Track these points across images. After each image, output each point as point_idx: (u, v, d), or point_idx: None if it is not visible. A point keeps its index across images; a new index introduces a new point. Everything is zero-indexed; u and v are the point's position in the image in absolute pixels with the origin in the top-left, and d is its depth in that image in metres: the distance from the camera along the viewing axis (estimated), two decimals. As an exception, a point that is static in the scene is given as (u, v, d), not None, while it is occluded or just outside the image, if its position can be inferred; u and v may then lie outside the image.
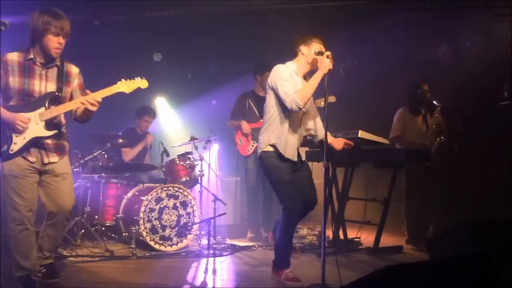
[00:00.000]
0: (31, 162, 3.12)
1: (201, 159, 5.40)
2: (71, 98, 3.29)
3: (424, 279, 2.11)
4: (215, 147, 7.15)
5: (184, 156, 5.35)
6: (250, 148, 5.60)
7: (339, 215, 5.15)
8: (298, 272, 3.70)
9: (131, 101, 6.37)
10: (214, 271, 3.89)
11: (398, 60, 6.45)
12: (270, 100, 3.66)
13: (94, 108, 3.11)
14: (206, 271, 3.95)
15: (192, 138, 5.47)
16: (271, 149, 3.60)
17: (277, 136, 3.58)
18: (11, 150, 3.07)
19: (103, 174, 5.14)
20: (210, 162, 5.89)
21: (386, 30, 6.18)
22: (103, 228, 5.01)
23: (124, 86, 3.20)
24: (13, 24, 3.16)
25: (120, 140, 5.25)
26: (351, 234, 5.26)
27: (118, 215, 4.92)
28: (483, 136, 5.73)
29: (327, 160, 3.39)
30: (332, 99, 5.07)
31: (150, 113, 6.07)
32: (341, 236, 5.13)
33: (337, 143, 3.89)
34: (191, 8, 5.83)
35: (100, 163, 5.17)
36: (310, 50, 3.61)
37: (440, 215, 5.43)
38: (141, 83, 3.26)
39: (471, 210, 5.63)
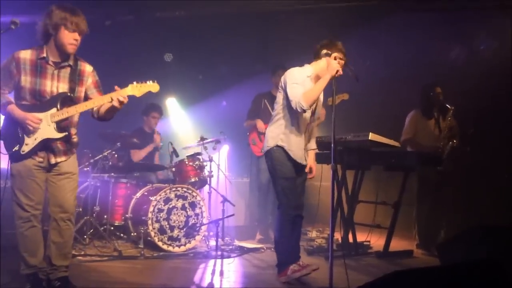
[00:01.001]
0: (39, 162, 3.12)
1: (210, 160, 5.39)
2: (85, 97, 3.25)
3: (433, 284, 2.07)
4: (225, 148, 7.14)
5: (193, 156, 5.35)
6: (263, 149, 5.57)
7: (349, 218, 5.09)
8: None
9: (140, 101, 6.41)
10: (222, 273, 3.87)
11: (411, 62, 6.38)
12: (280, 99, 3.72)
13: (120, 106, 3.08)
14: (213, 273, 3.93)
15: (202, 139, 5.46)
16: (279, 147, 3.66)
17: (285, 137, 3.65)
18: (22, 151, 3.07)
19: (112, 173, 5.15)
20: (220, 163, 5.87)
21: (399, 31, 6.12)
22: (112, 228, 5.02)
23: (135, 89, 3.14)
24: (24, 23, 3.16)
25: (134, 140, 5.27)
26: (361, 237, 5.20)
27: (127, 215, 4.92)
28: (497, 140, 5.63)
29: (336, 162, 3.38)
30: (345, 96, 5.04)
31: (157, 109, 6.03)
32: (351, 240, 5.08)
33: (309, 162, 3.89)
34: (201, 9, 5.83)
35: (110, 162, 5.18)
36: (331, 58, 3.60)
37: (452, 219, 5.35)
38: (152, 87, 3.21)
39: (484, 215, 5.54)
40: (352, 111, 6.28)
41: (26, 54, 3.08)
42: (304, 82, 3.61)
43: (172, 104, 7.65)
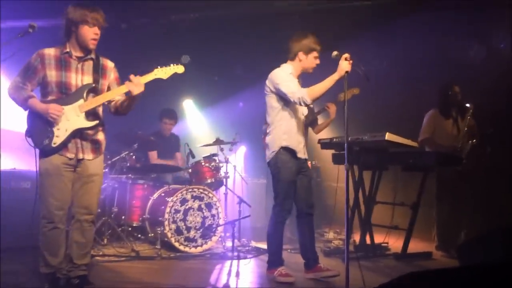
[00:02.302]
0: (69, 159, 3.15)
1: (227, 161, 5.40)
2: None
3: (449, 286, 2.02)
4: (242, 149, 7.16)
5: (209, 158, 5.37)
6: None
7: (366, 219, 5.05)
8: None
9: (158, 103, 6.49)
10: (238, 274, 3.86)
11: (428, 61, 6.30)
12: (273, 103, 3.78)
13: (138, 91, 3.12)
14: (229, 273, 3.93)
15: (217, 140, 5.48)
16: (284, 149, 3.74)
17: (288, 137, 3.73)
18: (54, 144, 3.09)
19: (130, 175, 5.20)
20: (236, 164, 5.88)
21: (416, 30, 6.03)
22: (130, 229, 5.07)
23: (161, 72, 3.24)
24: (42, 27, 3.22)
25: (151, 138, 5.34)
26: (379, 239, 5.15)
27: (144, 216, 4.97)
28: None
29: (352, 163, 3.38)
30: (356, 91, 4.96)
31: (169, 115, 6.04)
32: (368, 241, 5.03)
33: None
34: (215, 10, 5.85)
35: (128, 164, 5.24)
36: (308, 57, 3.75)
37: (472, 220, 5.25)
38: (177, 68, 3.31)
39: (505, 216, 5.41)
40: (370, 111, 6.25)
41: (50, 51, 3.17)
42: (291, 78, 3.72)
43: (189, 106, 7.71)
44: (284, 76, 3.72)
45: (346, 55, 3.42)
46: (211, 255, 4.69)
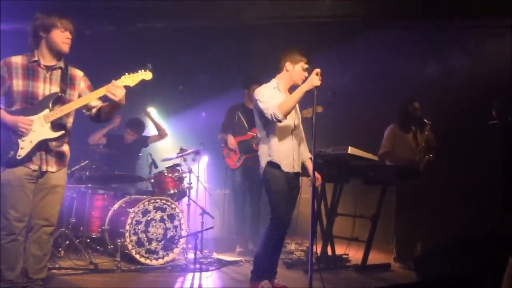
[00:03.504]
0: (33, 170, 3.06)
1: (190, 171, 5.36)
2: None
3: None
4: (204, 159, 7.10)
5: (172, 168, 5.31)
6: (238, 161, 5.57)
7: (327, 231, 5.12)
8: (285, 288, 3.68)
9: (121, 110, 6.36)
10: (200, 286, 3.83)
11: (388, 77, 6.50)
12: (257, 119, 3.78)
13: (121, 94, 3.03)
14: (191, 286, 3.89)
15: (182, 150, 5.42)
16: (270, 163, 3.69)
17: (272, 151, 3.68)
18: (18, 156, 3.00)
19: (89, 184, 5.06)
20: (199, 174, 5.84)
21: (377, 47, 6.25)
22: (88, 240, 4.92)
23: (128, 80, 3.16)
24: (6, 31, 3.13)
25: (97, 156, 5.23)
26: (340, 250, 5.22)
27: (103, 227, 4.84)
28: (472, 155, 5.76)
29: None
30: (319, 109, 5.04)
31: (133, 126, 6.05)
32: (329, 252, 5.10)
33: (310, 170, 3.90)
34: (182, 21, 5.85)
35: (88, 173, 5.10)
36: (295, 68, 3.72)
37: (429, 233, 5.43)
38: (145, 75, 3.22)
39: (458, 229, 5.63)
40: (331, 125, 6.34)
41: (17, 59, 3.09)
42: (273, 94, 3.69)
43: (152, 114, 7.58)
44: (266, 92, 3.69)
45: (318, 70, 3.47)
46: (173, 267, 4.62)
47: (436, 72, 6.30)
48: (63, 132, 3.13)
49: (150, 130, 7.49)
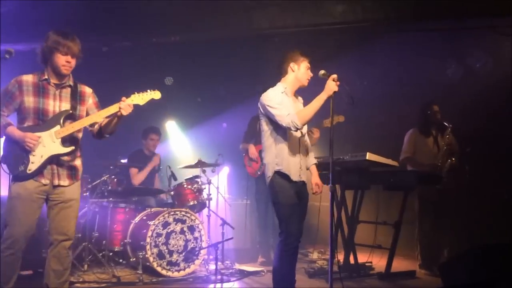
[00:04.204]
0: (43, 185, 3.13)
1: (209, 183, 5.38)
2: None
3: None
4: (225, 170, 7.13)
5: (191, 180, 5.33)
6: (259, 170, 5.56)
7: (349, 239, 5.05)
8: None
9: (141, 125, 6.48)
10: (221, 298, 3.82)
11: (407, 81, 6.41)
12: (264, 125, 3.64)
13: (128, 111, 3.15)
14: (212, 298, 3.88)
15: (199, 162, 5.45)
16: (278, 173, 3.55)
17: (280, 160, 3.55)
18: (29, 170, 3.08)
19: (111, 198, 5.13)
20: (219, 185, 5.85)
21: (395, 51, 6.17)
22: (111, 254, 4.97)
23: (138, 98, 3.25)
24: (22, 51, 3.21)
25: (122, 161, 5.26)
26: (362, 258, 5.15)
27: (125, 240, 4.88)
28: (495, 157, 5.61)
29: (334, 183, 3.35)
30: (341, 118, 5.05)
31: (155, 131, 6.05)
32: (352, 261, 5.03)
33: (314, 179, 3.81)
34: (196, 33, 5.90)
35: (110, 187, 5.17)
36: (300, 67, 3.63)
37: (454, 238, 5.29)
38: (154, 94, 3.32)
39: (485, 233, 5.47)
40: (351, 131, 6.30)
41: (28, 77, 3.18)
42: (283, 100, 3.56)
43: (171, 127, 7.68)
44: (275, 98, 3.56)
45: (334, 76, 3.40)
46: (194, 278, 4.63)
47: (455, 73, 6.18)
48: (73, 147, 3.21)
49: (172, 146, 7.60)
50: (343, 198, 5.07)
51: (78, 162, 3.32)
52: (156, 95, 3.32)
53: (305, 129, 3.73)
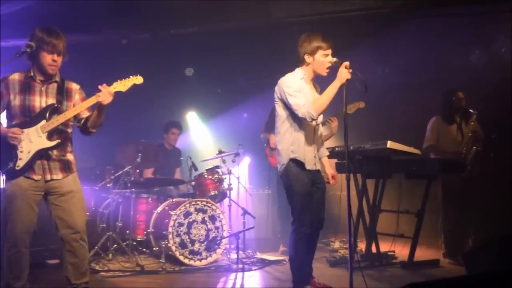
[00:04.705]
0: (35, 181, 3.13)
1: (229, 173, 5.41)
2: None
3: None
4: (246, 160, 7.15)
5: (212, 170, 5.37)
6: (279, 168, 5.55)
7: (371, 228, 5.02)
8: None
9: (162, 117, 6.55)
10: (242, 286, 3.86)
11: (430, 69, 6.28)
12: (280, 111, 3.59)
13: (108, 100, 3.12)
14: (234, 286, 3.93)
15: (220, 152, 5.49)
16: (293, 161, 3.53)
17: (295, 148, 3.52)
18: (17, 166, 3.08)
19: (133, 189, 5.21)
20: (240, 175, 5.87)
21: (417, 37, 6.04)
22: (134, 243, 5.07)
23: (120, 85, 3.24)
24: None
25: (138, 160, 5.22)
26: (385, 247, 5.12)
27: (148, 230, 4.97)
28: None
29: (355, 172, 3.33)
30: (361, 104, 4.99)
31: (176, 125, 6.13)
32: (374, 250, 4.99)
33: (329, 170, 3.77)
34: (214, 24, 5.89)
35: (132, 178, 5.25)
36: (315, 58, 3.53)
37: (479, 226, 5.20)
38: (135, 79, 3.30)
39: (511, 222, 5.35)
40: (372, 119, 6.23)
41: (15, 76, 3.18)
42: (301, 87, 3.51)
43: (192, 118, 7.74)
44: (293, 84, 3.49)
45: (346, 63, 3.35)
46: (216, 267, 4.68)
47: (480, 59, 6.02)
48: (59, 140, 3.20)
49: (193, 137, 7.66)
50: (364, 187, 5.03)
51: (70, 157, 3.30)
52: (138, 80, 3.30)
53: (320, 118, 3.67)
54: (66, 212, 3.19)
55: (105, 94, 3.14)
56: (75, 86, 3.36)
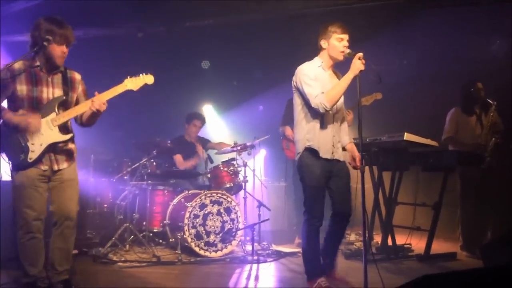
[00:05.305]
0: (43, 171, 3.16)
1: (245, 165, 5.42)
2: (76, 104, 3.32)
3: (464, 289, 1.98)
4: (262, 153, 7.16)
5: (228, 162, 5.40)
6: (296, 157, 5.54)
7: (387, 220, 4.98)
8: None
9: (178, 109, 6.59)
10: (257, 277, 3.88)
11: (449, 59, 6.18)
12: (296, 99, 3.60)
13: (101, 109, 3.16)
14: (248, 277, 3.95)
15: (235, 144, 5.50)
16: (308, 150, 3.52)
17: (311, 136, 3.50)
18: (29, 159, 3.09)
19: (150, 181, 5.26)
20: (256, 167, 5.88)
21: (435, 28, 5.95)
22: (151, 234, 5.13)
23: (131, 83, 3.25)
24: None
25: (168, 144, 5.34)
26: (401, 240, 5.07)
27: (165, 221, 5.02)
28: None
29: (371, 164, 3.30)
30: (378, 96, 4.97)
31: (200, 117, 6.14)
32: (390, 243, 4.96)
33: (351, 152, 3.69)
34: (228, 17, 5.88)
35: (149, 170, 5.30)
36: (330, 42, 3.51)
37: (498, 219, 5.13)
38: (147, 78, 3.31)
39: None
40: (389, 110, 6.16)
41: (19, 64, 3.13)
42: (317, 75, 3.49)
43: (208, 111, 7.77)
44: (310, 72, 3.48)
45: (360, 54, 3.32)
46: (231, 259, 4.71)
47: (499, 49, 5.89)
48: (71, 134, 3.25)
49: (209, 129, 7.69)
50: (380, 179, 4.99)
51: (72, 146, 3.34)
52: (149, 79, 3.31)
53: (340, 104, 3.61)
54: (64, 200, 3.24)
55: (96, 104, 3.15)
56: (77, 76, 3.37)
